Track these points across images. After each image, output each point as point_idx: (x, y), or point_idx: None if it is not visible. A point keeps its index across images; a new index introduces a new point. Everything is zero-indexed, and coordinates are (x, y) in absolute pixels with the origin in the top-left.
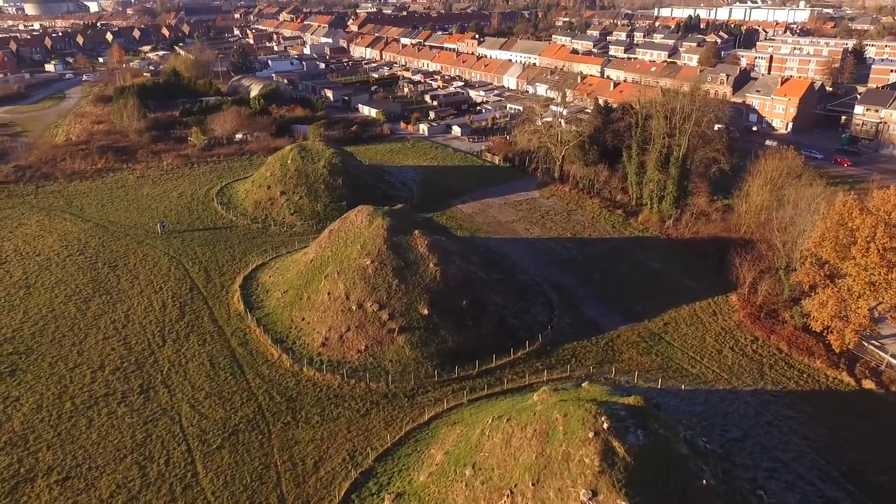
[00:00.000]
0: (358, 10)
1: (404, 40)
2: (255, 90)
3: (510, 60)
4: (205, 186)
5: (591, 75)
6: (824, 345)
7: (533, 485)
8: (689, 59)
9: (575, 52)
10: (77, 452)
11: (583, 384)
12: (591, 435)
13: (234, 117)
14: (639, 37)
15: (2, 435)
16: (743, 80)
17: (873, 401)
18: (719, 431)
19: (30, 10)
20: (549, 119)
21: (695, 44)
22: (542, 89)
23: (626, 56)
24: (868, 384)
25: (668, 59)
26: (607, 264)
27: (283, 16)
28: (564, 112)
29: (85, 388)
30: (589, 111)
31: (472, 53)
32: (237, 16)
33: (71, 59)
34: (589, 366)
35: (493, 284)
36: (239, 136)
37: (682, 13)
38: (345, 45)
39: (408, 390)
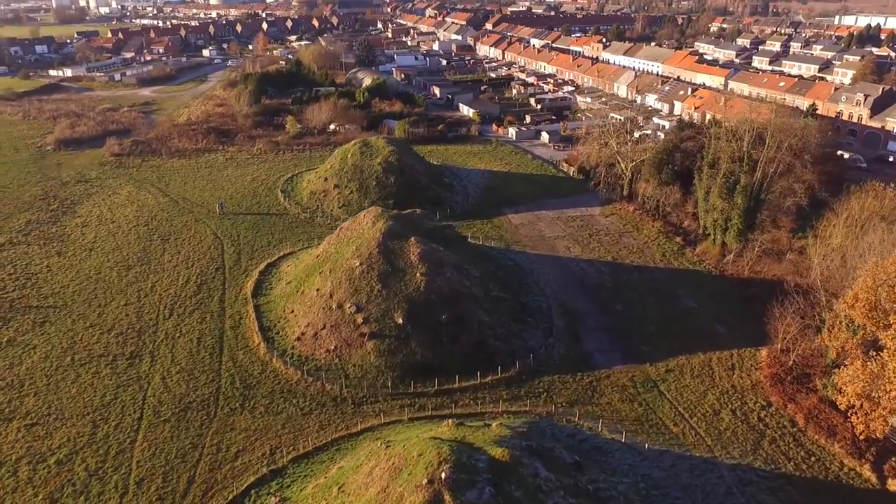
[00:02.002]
0: (510, 9)
1: (534, 41)
2: (366, 83)
3: (624, 67)
4: (279, 173)
5: (706, 87)
6: (853, 427)
7: None
8: (843, 74)
9: (714, 61)
10: (53, 403)
11: (492, 424)
12: (425, 482)
13: (330, 108)
14: (796, 47)
15: (8, 376)
16: (886, 101)
17: None
18: None
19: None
20: (649, 132)
21: (859, 57)
22: (650, 99)
23: (769, 68)
24: (895, 486)
25: (818, 74)
26: (636, 295)
27: (429, 11)
28: (667, 125)
29: (88, 347)
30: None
31: (596, 58)
32: (388, 9)
33: (225, 46)
34: (557, 404)
35: (486, 302)
36: (332, 126)
37: (867, 22)
38: (472, 42)
39: (358, 397)
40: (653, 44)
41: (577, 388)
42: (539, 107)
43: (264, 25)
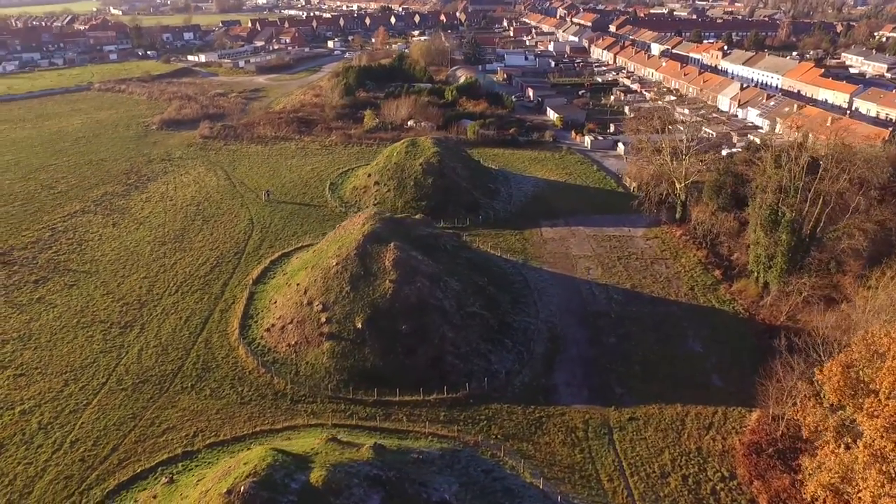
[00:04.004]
0: (651, 10)
1: (654, 45)
2: (460, 81)
3: (731, 78)
4: (337, 166)
5: (827, 103)
6: None
7: None
8: None
9: (860, 75)
10: (44, 358)
11: (364, 445)
12: (224, 489)
13: (410, 105)
14: None
15: (24, 329)
16: None
17: None
18: None
19: None
20: (739, 150)
21: None
22: (752, 115)
23: None
24: None
25: None
26: (637, 330)
27: (560, 11)
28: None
29: (95, 312)
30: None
31: (714, 66)
32: (522, 7)
33: (350, 38)
34: (492, 435)
35: (456, 318)
36: (410, 122)
37: None
38: (586, 45)
39: (298, 395)
40: (794, 53)
41: (521, 422)
42: (631, 115)
43: (392, 19)
